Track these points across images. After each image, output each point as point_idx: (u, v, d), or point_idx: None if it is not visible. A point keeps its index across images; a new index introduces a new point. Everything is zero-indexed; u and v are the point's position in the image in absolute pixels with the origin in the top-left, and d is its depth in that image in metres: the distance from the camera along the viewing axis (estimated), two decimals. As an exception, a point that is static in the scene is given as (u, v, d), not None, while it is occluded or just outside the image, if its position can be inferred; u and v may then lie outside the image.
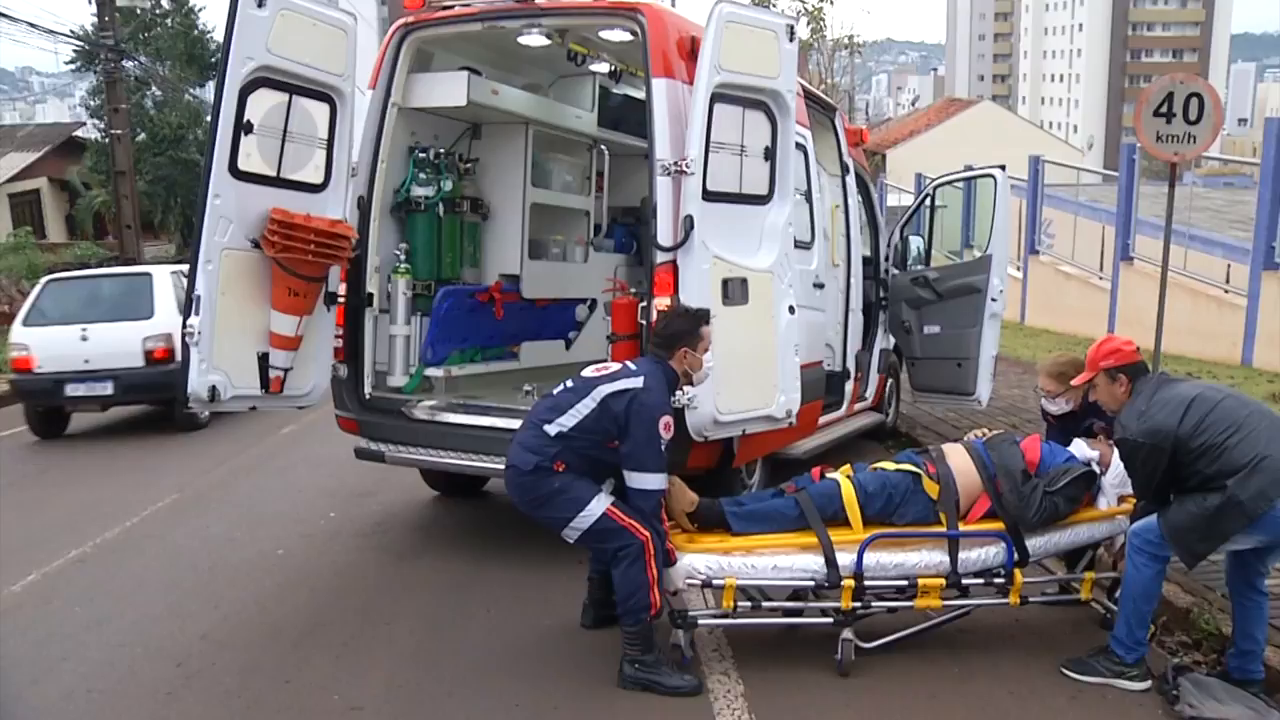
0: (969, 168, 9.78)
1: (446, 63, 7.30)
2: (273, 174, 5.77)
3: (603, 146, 8.59)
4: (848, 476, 5.29)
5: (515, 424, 5.50)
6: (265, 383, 5.87)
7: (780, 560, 4.97)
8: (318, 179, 6.01)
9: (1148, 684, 4.72)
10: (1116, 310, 15.76)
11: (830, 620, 5.04)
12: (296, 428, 10.40)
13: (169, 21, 29.15)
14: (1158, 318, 7.40)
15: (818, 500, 5.15)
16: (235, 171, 5.61)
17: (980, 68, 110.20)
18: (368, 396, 6.83)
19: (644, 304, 6.04)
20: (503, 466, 5.14)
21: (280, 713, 4.62)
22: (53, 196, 33.02)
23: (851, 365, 8.49)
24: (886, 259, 9.61)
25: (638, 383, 4.84)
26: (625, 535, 4.77)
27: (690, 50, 6.07)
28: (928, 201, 9.98)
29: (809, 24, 29.98)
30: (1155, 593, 4.79)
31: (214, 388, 5.58)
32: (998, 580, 5.08)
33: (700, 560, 4.92)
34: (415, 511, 7.67)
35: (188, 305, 5.57)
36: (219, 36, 25.75)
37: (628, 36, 6.78)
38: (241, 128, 5.57)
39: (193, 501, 8.17)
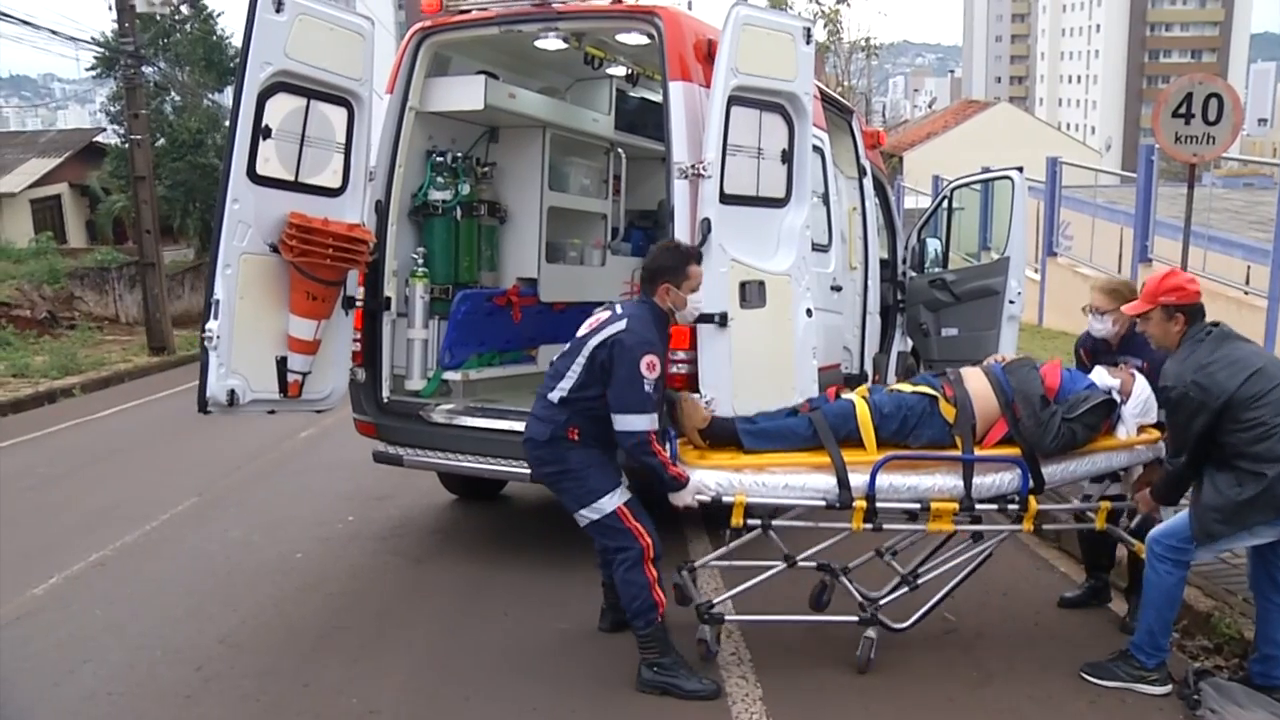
0: (986, 170, 9.76)
1: (464, 67, 7.31)
2: (291, 178, 5.79)
3: (620, 150, 8.59)
4: (863, 397, 5.22)
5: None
6: (284, 386, 5.89)
7: (792, 479, 4.91)
8: (336, 183, 6.03)
9: (1168, 688, 4.69)
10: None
11: (856, 619, 5.01)
12: (315, 431, 10.43)
13: (188, 27, 29.24)
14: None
15: (832, 419, 5.08)
16: (254, 176, 5.62)
17: (997, 69, 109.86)
18: (385, 400, 6.84)
19: None
20: (521, 470, 5.14)
21: (298, 716, 4.63)
22: (74, 202, 33.23)
23: (869, 368, 8.47)
24: (904, 261, 9.58)
25: (620, 325, 4.77)
26: (628, 538, 4.80)
27: (707, 53, 6.08)
28: (945, 204, 9.94)
29: (825, 26, 30.00)
30: (1177, 599, 4.76)
31: (233, 391, 5.59)
32: (1012, 506, 4.99)
33: (711, 476, 4.87)
34: (433, 515, 7.68)
35: (207, 309, 5.59)
36: (237, 42, 25.88)
37: (644, 40, 6.78)
38: (260, 132, 5.59)
39: (211, 505, 8.20)
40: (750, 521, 4.86)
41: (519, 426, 6.39)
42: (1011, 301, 8.45)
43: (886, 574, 5.40)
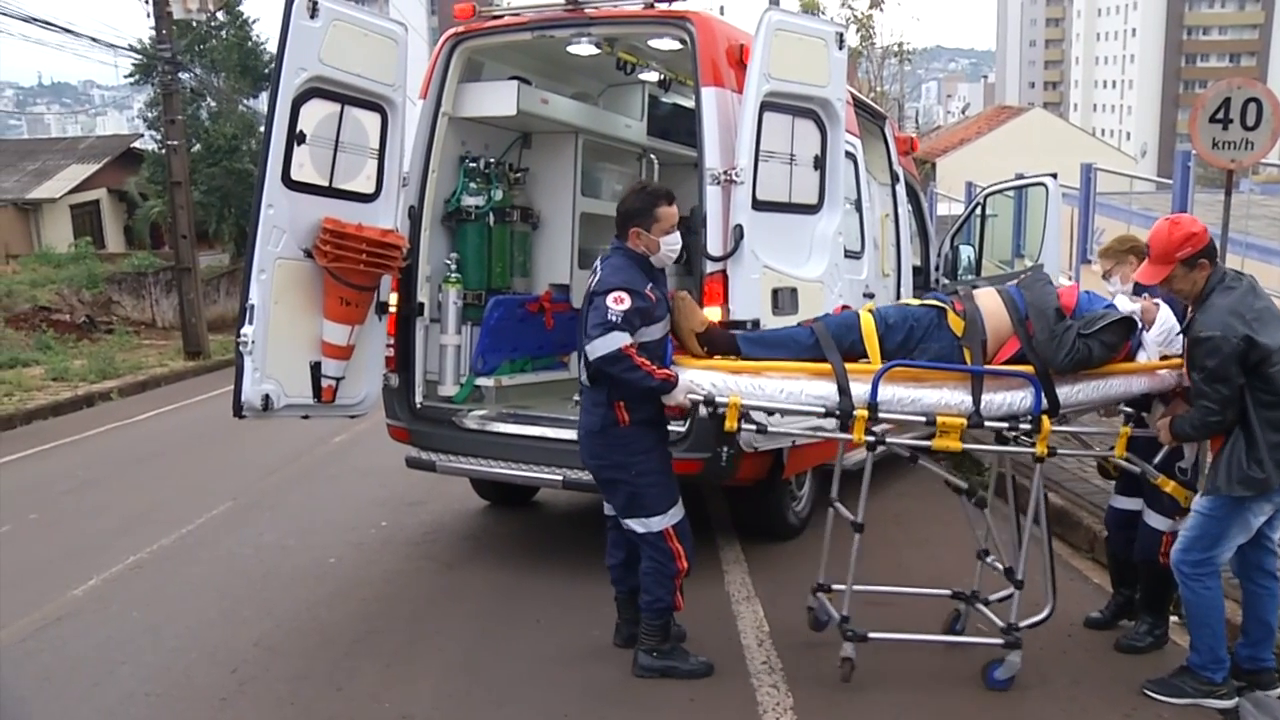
0: (1020, 176, 9.69)
1: (496, 72, 7.34)
2: (325, 184, 5.82)
3: (652, 155, 8.60)
4: (868, 310, 5.12)
5: (565, 434, 5.49)
6: (318, 392, 5.91)
7: (790, 385, 4.76)
8: (369, 189, 6.06)
9: (1235, 700, 4.61)
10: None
11: (1000, 643, 4.85)
12: (348, 437, 10.48)
13: (224, 34, 29.56)
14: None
15: (835, 329, 4.95)
16: (288, 181, 5.65)
17: (1031, 74, 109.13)
18: (419, 406, 6.86)
19: None
20: (553, 476, 5.15)
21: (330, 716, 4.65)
22: (112, 207, 33.63)
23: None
24: (937, 268, 9.54)
25: (595, 279, 4.83)
26: (667, 557, 4.85)
27: (739, 59, 6.07)
28: (978, 210, 9.89)
29: (858, 31, 29.86)
30: (1221, 605, 4.66)
31: (267, 396, 5.62)
32: (1024, 427, 4.75)
33: (705, 376, 4.77)
34: (465, 521, 7.70)
35: (242, 314, 5.62)
36: (272, 48, 26.15)
37: (677, 45, 6.78)
38: (294, 138, 5.62)
39: (246, 509, 8.26)
40: (745, 426, 4.78)
41: (551, 432, 6.44)
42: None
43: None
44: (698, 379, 4.74)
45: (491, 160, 7.52)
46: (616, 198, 8.37)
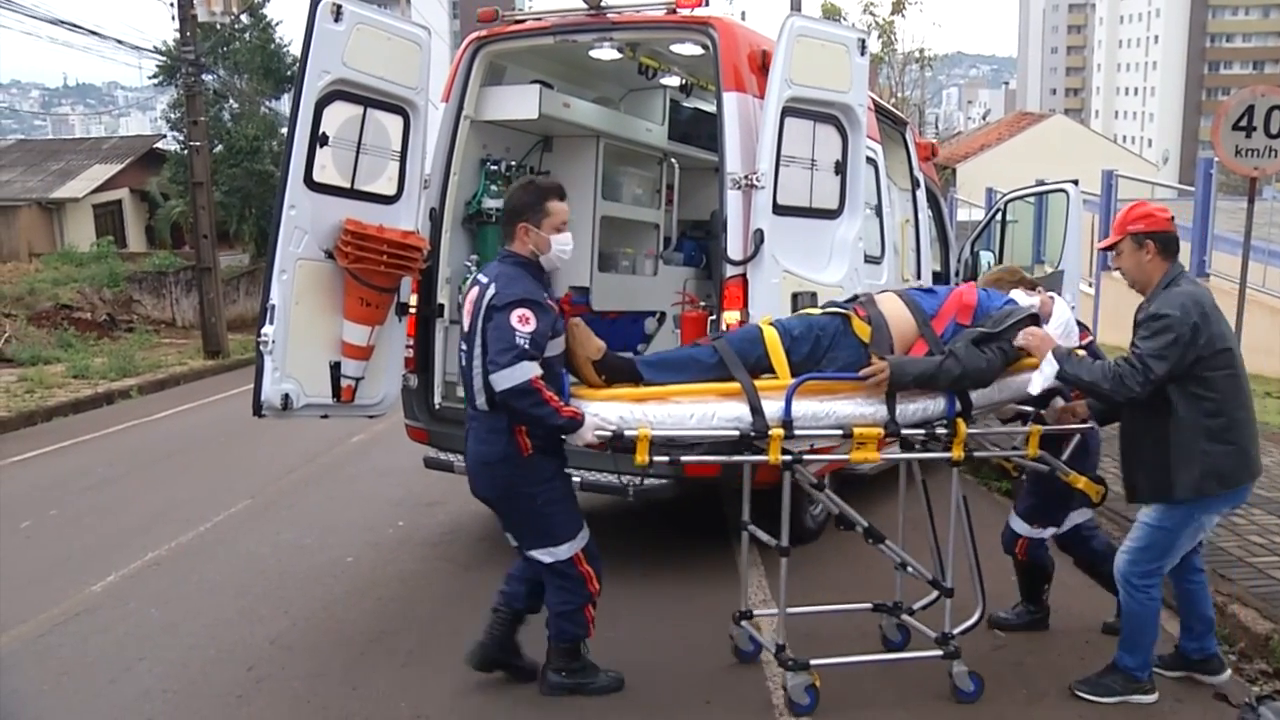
0: (1041, 182, 9.65)
1: (518, 76, 7.36)
2: (347, 185, 5.83)
3: (673, 160, 8.61)
4: (769, 323, 4.92)
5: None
6: (337, 392, 5.93)
7: (699, 408, 4.50)
8: (391, 191, 6.07)
9: (1156, 695, 4.74)
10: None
11: (939, 654, 4.81)
12: (366, 437, 10.52)
13: (247, 36, 29.72)
14: (1235, 335, 7.23)
15: (738, 346, 4.72)
16: (310, 183, 5.67)
17: (1052, 81, 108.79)
18: (438, 406, 6.88)
19: (713, 318, 6.02)
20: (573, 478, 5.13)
21: (348, 718, 4.67)
22: (134, 207, 33.83)
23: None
24: (957, 274, 9.51)
25: (490, 291, 4.48)
26: (578, 584, 4.69)
27: (761, 64, 6.08)
28: (999, 216, 9.86)
29: (880, 37, 29.86)
30: (1159, 610, 4.74)
31: (287, 396, 5.64)
32: (940, 432, 4.69)
33: (611, 409, 4.49)
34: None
35: (262, 314, 5.65)
36: (295, 50, 26.35)
37: (699, 50, 6.80)
38: (317, 140, 5.64)
39: (264, 508, 8.30)
40: (657, 459, 4.55)
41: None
42: (1063, 316, 8.33)
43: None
44: (603, 412, 4.47)
45: (513, 163, 7.54)
46: (637, 201, 8.45)
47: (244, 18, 27.61)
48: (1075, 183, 8.79)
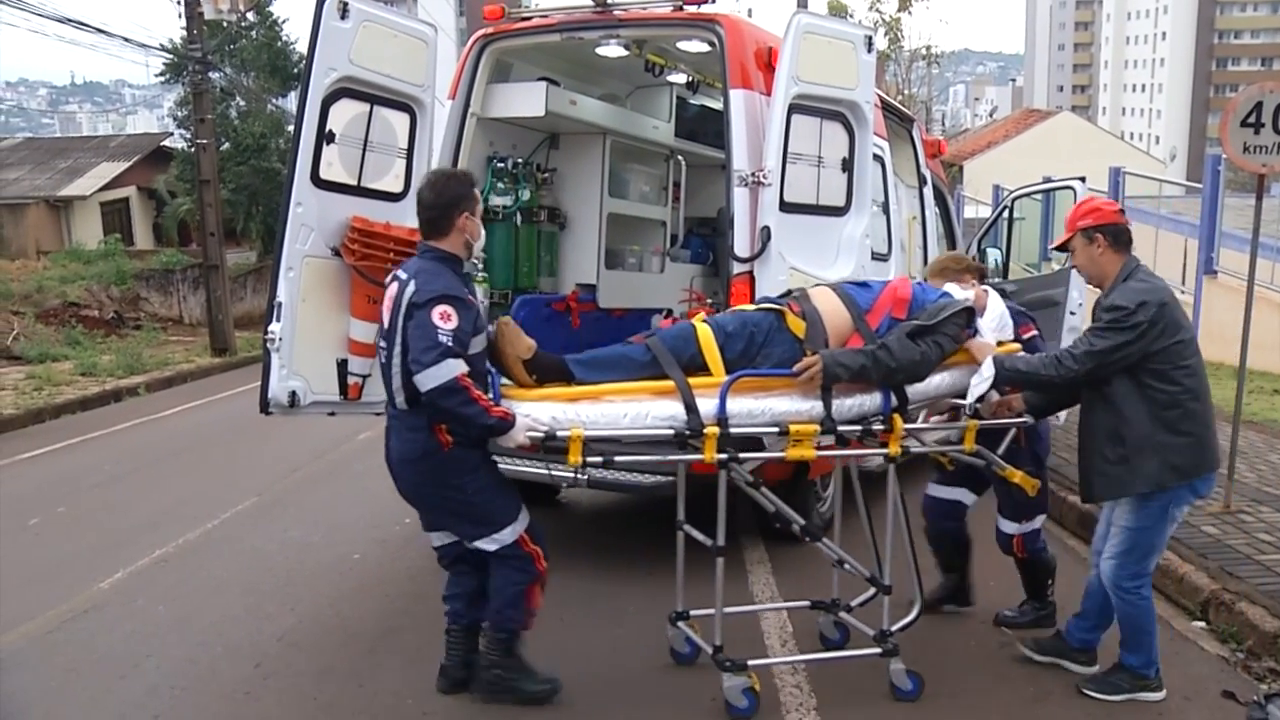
0: (1048, 179, 9.63)
1: (525, 73, 7.36)
2: (353, 183, 5.82)
3: (679, 157, 8.60)
4: (702, 319, 4.86)
5: (591, 432, 5.47)
6: (344, 389, 5.92)
7: (633, 407, 4.41)
8: (397, 188, 6.07)
9: (1164, 692, 4.76)
10: (1199, 325, 15.40)
11: (878, 652, 4.81)
12: (373, 434, 10.46)
13: (254, 34, 29.74)
14: (1243, 333, 7.22)
15: (670, 343, 4.65)
16: (317, 180, 5.67)
17: (1059, 78, 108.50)
18: (444, 404, 6.87)
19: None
20: (578, 475, 5.10)
21: (355, 715, 4.69)
22: (141, 204, 33.90)
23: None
24: (964, 271, 9.47)
25: (410, 288, 4.36)
26: (527, 563, 4.63)
27: (768, 61, 6.08)
28: (1006, 213, 9.84)
29: (886, 34, 29.83)
30: (1154, 608, 4.78)
31: (294, 393, 5.64)
32: (877, 428, 4.64)
33: (543, 410, 4.39)
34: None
35: (269, 311, 5.65)
36: (302, 48, 26.39)
37: (705, 47, 6.79)
38: (323, 137, 5.63)
39: (271, 505, 8.31)
40: (590, 461, 4.45)
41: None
42: (1072, 313, 8.33)
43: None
44: (535, 413, 4.38)
45: (519, 160, 7.54)
46: (644, 198, 8.44)
47: (251, 15, 27.58)
48: (1082, 180, 8.77)
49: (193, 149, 21.22)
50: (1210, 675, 4.99)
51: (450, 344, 4.22)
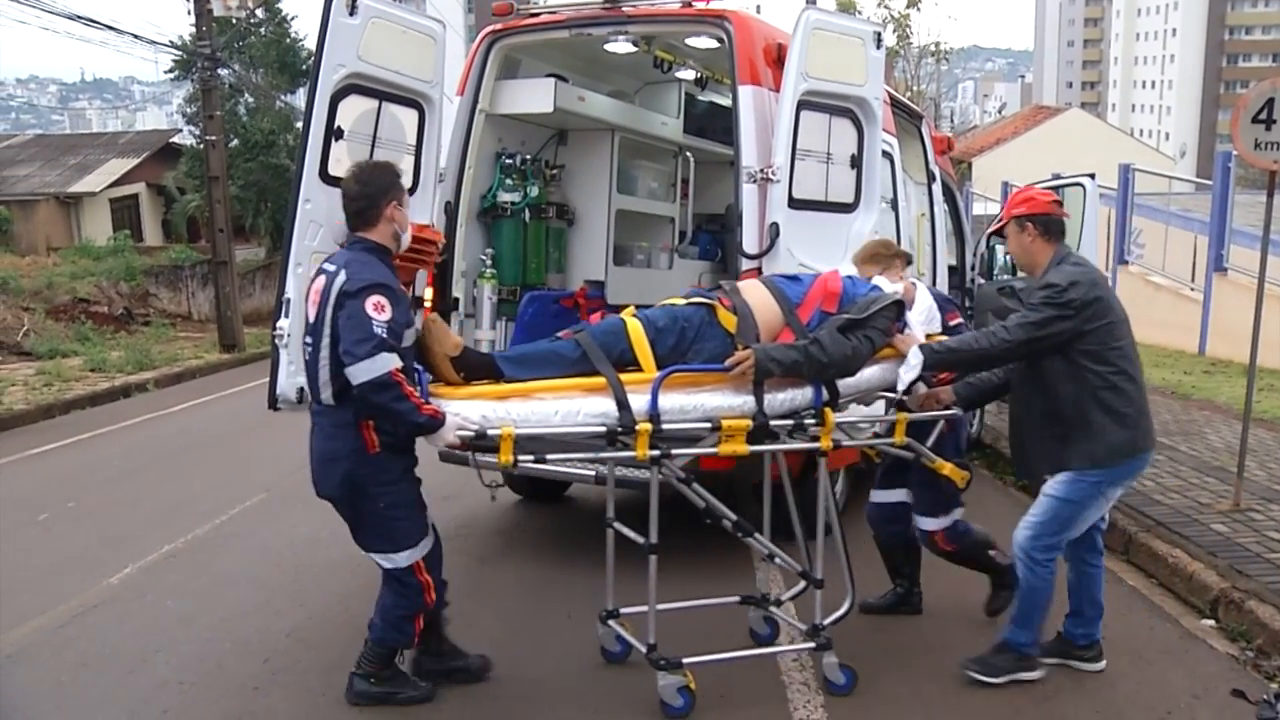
0: (1057, 176, 9.60)
1: (533, 70, 7.36)
2: (362, 179, 5.84)
3: (688, 153, 8.60)
4: (633, 314, 4.83)
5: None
6: (353, 385, 5.93)
7: (564, 404, 4.36)
8: (406, 184, 6.06)
9: (1043, 670, 4.85)
10: (1209, 322, 15.38)
11: (812, 646, 4.82)
12: (381, 430, 10.53)
13: (263, 30, 29.77)
14: (1254, 331, 7.20)
15: (600, 339, 4.60)
16: (326, 177, 5.65)
17: (1069, 74, 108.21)
18: (452, 400, 6.87)
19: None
20: (586, 472, 5.10)
21: (364, 711, 4.68)
22: (150, 201, 33.92)
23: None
24: (972, 268, 9.49)
25: (340, 278, 4.27)
26: (417, 593, 4.58)
27: (777, 57, 6.07)
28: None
29: (895, 31, 29.77)
30: (1054, 585, 4.81)
31: (302, 389, 5.63)
32: (809, 422, 4.62)
33: (473, 408, 4.32)
34: (497, 515, 7.72)
35: (278, 308, 5.65)
36: (310, 45, 26.41)
37: (714, 43, 6.79)
38: (332, 134, 5.63)
39: (280, 501, 8.32)
40: (521, 459, 4.42)
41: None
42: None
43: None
44: (464, 411, 4.29)
45: (528, 157, 7.55)
46: (652, 195, 8.44)
47: (259, 12, 27.62)
48: (1092, 176, 8.75)
49: (202, 145, 21.21)
50: (1220, 674, 4.97)
51: (385, 336, 4.15)
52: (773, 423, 4.57)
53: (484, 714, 4.70)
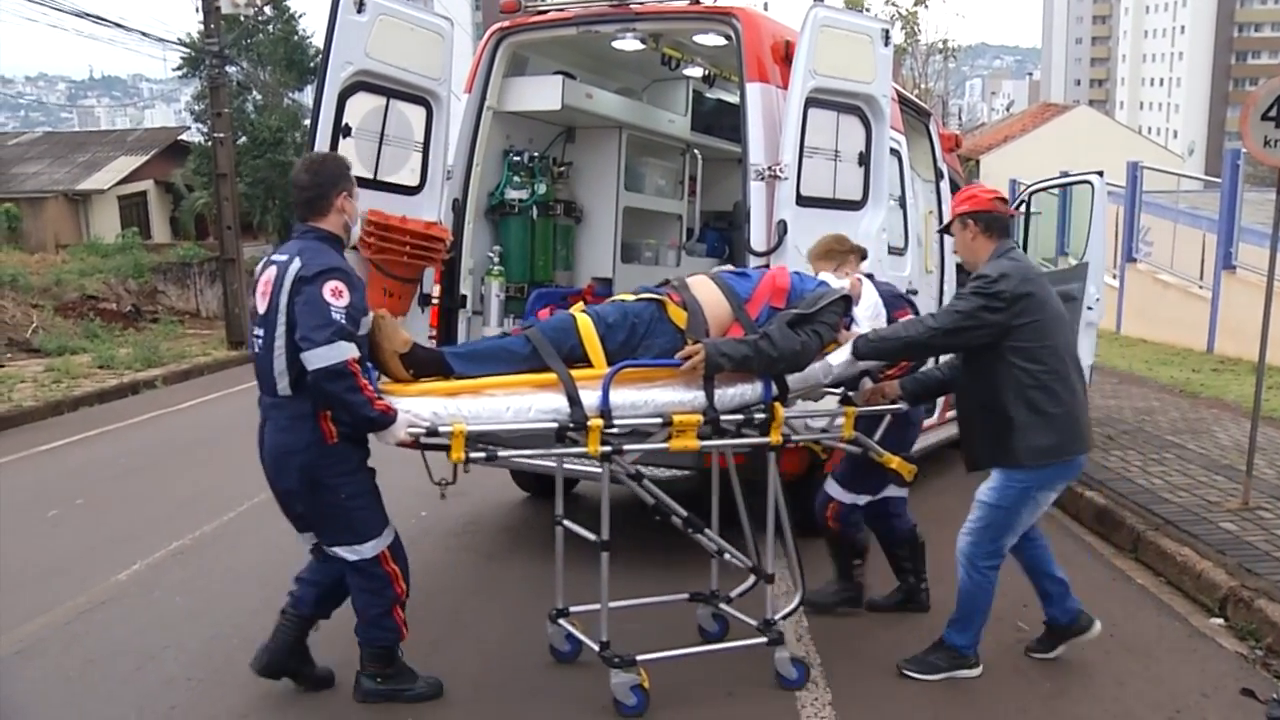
0: (1065, 174, 9.58)
1: (541, 67, 7.36)
2: (370, 176, 5.84)
3: (696, 151, 8.60)
4: (581, 309, 4.83)
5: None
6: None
7: (516, 401, 4.35)
8: (414, 181, 6.08)
9: (980, 668, 4.87)
10: (1218, 320, 15.34)
11: (765, 641, 4.83)
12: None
13: (270, 28, 29.85)
14: (1262, 329, 7.17)
15: (551, 335, 4.59)
16: (334, 173, 5.68)
17: (1077, 72, 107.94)
18: (459, 397, 6.88)
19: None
20: (594, 469, 5.12)
21: (371, 710, 4.68)
22: (158, 198, 34.00)
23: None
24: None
25: (295, 264, 4.20)
26: (384, 583, 4.56)
27: (785, 54, 6.06)
28: (1023, 208, 9.80)
29: (903, 28, 29.73)
30: (995, 588, 4.86)
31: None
32: (758, 417, 4.64)
33: (424, 404, 4.28)
34: (505, 512, 7.73)
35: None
36: (318, 42, 26.47)
37: (722, 41, 6.79)
38: (340, 131, 5.65)
39: (288, 497, 8.31)
40: (473, 455, 4.36)
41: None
42: (1090, 308, 8.30)
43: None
44: (415, 408, 4.26)
45: (535, 154, 7.54)
46: (660, 192, 8.44)
47: (267, 10, 27.71)
48: (1100, 174, 8.73)
49: (210, 143, 21.28)
50: (1229, 672, 4.96)
51: (344, 322, 4.10)
52: (723, 417, 4.58)
53: (492, 709, 4.70)
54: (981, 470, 4.83)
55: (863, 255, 5.47)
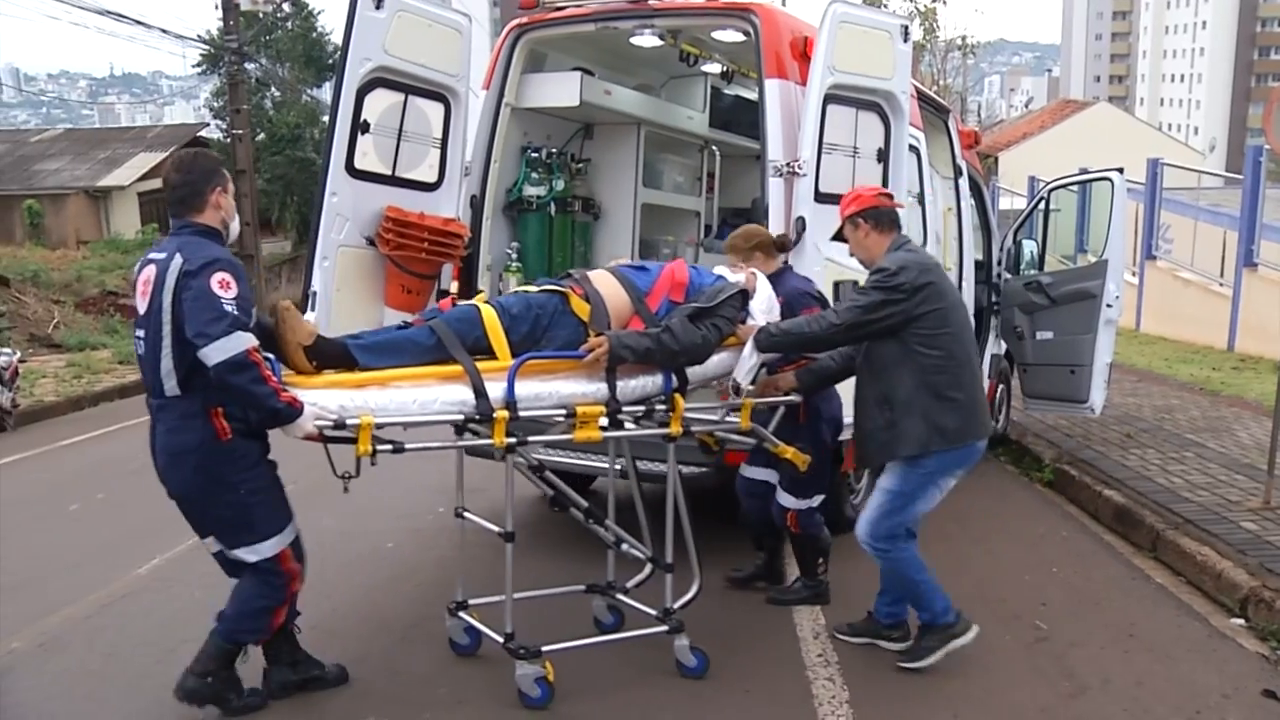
0: (1084, 171, 9.53)
1: (559, 63, 7.37)
2: (388, 173, 5.86)
3: (714, 147, 8.59)
4: (486, 301, 4.84)
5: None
6: (378, 378, 5.95)
7: (422, 393, 4.31)
8: (432, 178, 6.10)
9: (974, 630, 4.93)
10: (1239, 318, 15.24)
11: (664, 630, 4.91)
12: (406, 423, 10.56)
13: (289, 25, 29.94)
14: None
15: (455, 326, 4.56)
16: (352, 170, 5.71)
17: (1096, 68, 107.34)
18: (477, 393, 6.89)
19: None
20: (608, 465, 5.12)
21: (389, 703, 4.71)
22: (177, 194, 34.10)
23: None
24: (999, 263, 9.43)
25: (176, 260, 4.06)
26: (284, 584, 4.52)
27: (803, 51, 6.05)
28: (1042, 205, 9.76)
29: (921, 24, 29.61)
30: (918, 557, 4.90)
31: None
32: (660, 408, 4.70)
33: (330, 397, 4.20)
34: (522, 509, 7.70)
35: (304, 301, 5.68)
36: (337, 38, 26.57)
37: (740, 37, 6.77)
38: (358, 127, 5.66)
39: (304, 493, 8.25)
40: (380, 448, 4.29)
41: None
42: (1109, 305, 8.27)
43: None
44: (321, 400, 4.17)
45: (553, 150, 7.54)
46: (678, 189, 8.43)
47: (286, 6, 27.78)
48: (1120, 171, 8.69)
49: (229, 139, 21.37)
50: (1249, 673, 4.92)
51: (236, 313, 3.99)
52: (624, 409, 4.64)
53: (509, 705, 4.69)
54: (872, 467, 4.87)
55: (780, 248, 5.57)
